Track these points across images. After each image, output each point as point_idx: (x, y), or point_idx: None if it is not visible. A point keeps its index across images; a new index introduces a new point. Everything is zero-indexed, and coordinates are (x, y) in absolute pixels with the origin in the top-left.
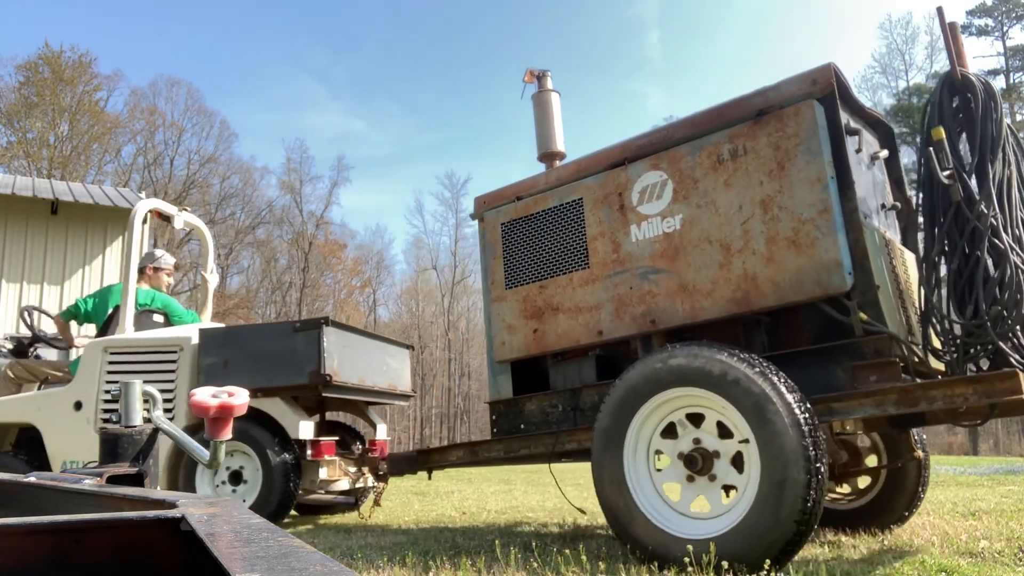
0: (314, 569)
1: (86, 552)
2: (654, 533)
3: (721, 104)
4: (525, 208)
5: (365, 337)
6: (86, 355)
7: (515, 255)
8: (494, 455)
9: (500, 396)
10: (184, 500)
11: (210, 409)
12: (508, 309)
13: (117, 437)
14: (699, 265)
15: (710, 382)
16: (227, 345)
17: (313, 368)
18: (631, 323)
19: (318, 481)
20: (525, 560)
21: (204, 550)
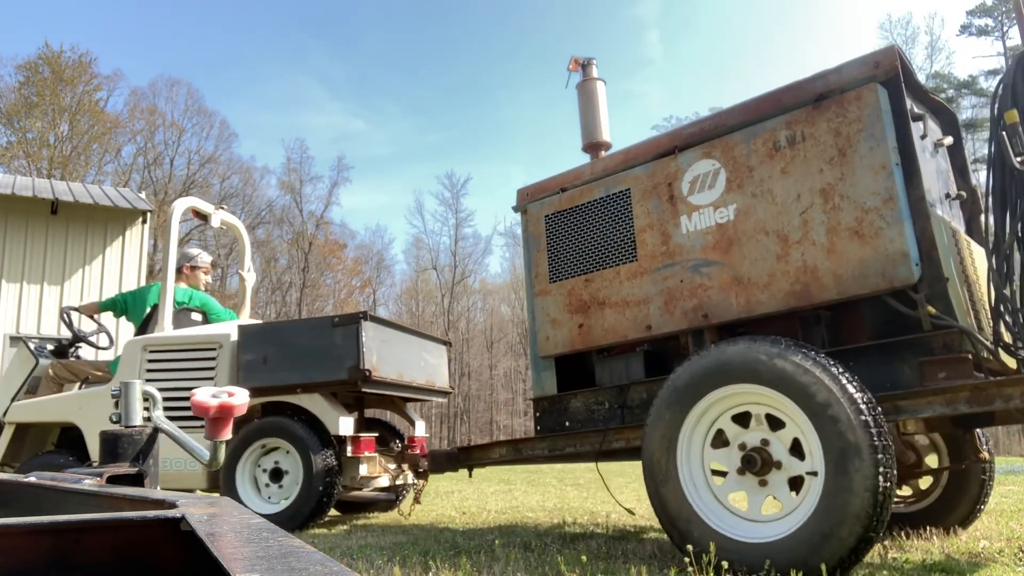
0: (314, 569)
1: (86, 552)
2: (711, 536)
3: (777, 89)
4: (570, 200)
5: (403, 332)
6: (125, 353)
7: (559, 248)
8: (538, 453)
9: (544, 392)
10: (184, 500)
11: (210, 409)
12: (552, 303)
13: (117, 437)
14: (755, 257)
15: (772, 379)
16: (266, 341)
17: (352, 363)
18: (681, 317)
19: (358, 478)
20: (525, 560)
21: (204, 550)
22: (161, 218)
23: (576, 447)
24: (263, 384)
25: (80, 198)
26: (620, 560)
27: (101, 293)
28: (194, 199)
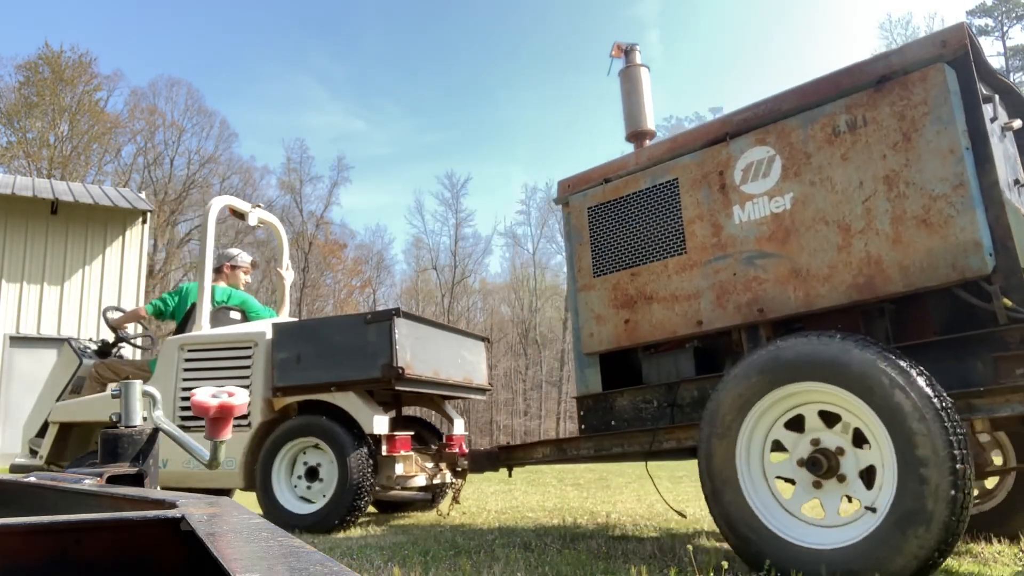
0: (314, 569)
1: (86, 552)
2: (770, 541)
3: (835, 72)
4: (614, 191)
5: (438, 329)
6: (163, 353)
7: (603, 241)
8: (583, 453)
9: (588, 391)
10: (184, 500)
11: (210, 409)
12: (597, 298)
13: (117, 437)
14: (814, 248)
15: (839, 376)
16: (300, 339)
17: (385, 361)
18: (735, 312)
19: (394, 477)
20: (525, 560)
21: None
22: (161, 218)
23: (624, 447)
24: (297, 383)
25: (80, 198)
26: (620, 560)
27: (101, 293)
28: (231, 198)
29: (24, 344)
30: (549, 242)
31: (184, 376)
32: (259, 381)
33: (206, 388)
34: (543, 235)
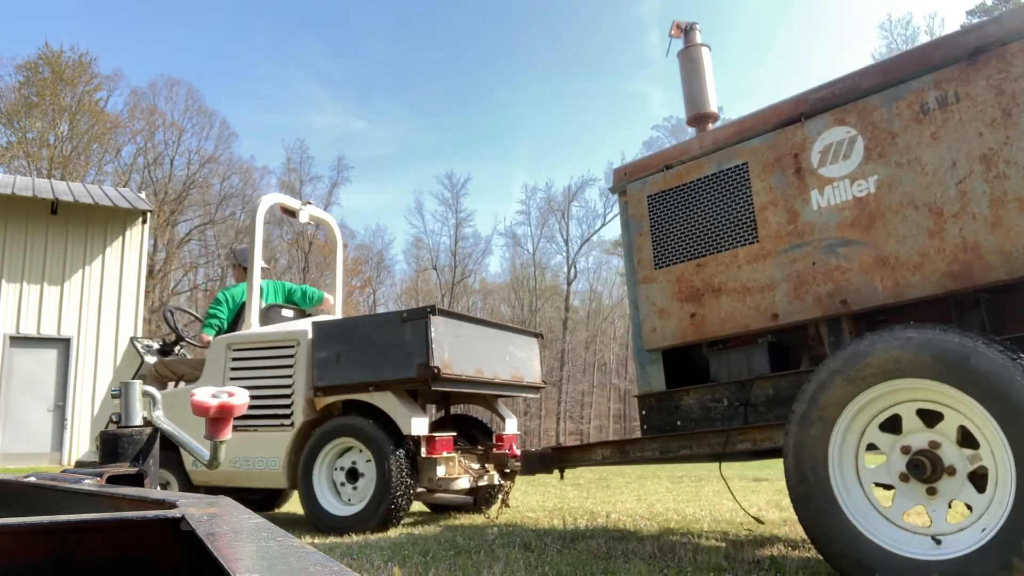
0: (314, 569)
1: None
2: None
3: (921, 45)
4: (676, 177)
5: (483, 326)
6: (212, 352)
7: (665, 230)
8: (647, 455)
9: (651, 389)
10: (184, 500)
11: (210, 409)
12: (659, 291)
13: (117, 437)
14: (902, 234)
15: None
16: (339, 338)
17: (421, 360)
18: (814, 304)
19: (436, 479)
20: (525, 560)
21: (204, 550)
22: (161, 218)
23: (693, 449)
24: (337, 382)
25: (80, 198)
26: (620, 560)
27: (101, 293)
28: (280, 195)
29: (24, 344)
30: (549, 242)
31: (231, 375)
32: (301, 380)
33: (206, 388)
34: (543, 235)
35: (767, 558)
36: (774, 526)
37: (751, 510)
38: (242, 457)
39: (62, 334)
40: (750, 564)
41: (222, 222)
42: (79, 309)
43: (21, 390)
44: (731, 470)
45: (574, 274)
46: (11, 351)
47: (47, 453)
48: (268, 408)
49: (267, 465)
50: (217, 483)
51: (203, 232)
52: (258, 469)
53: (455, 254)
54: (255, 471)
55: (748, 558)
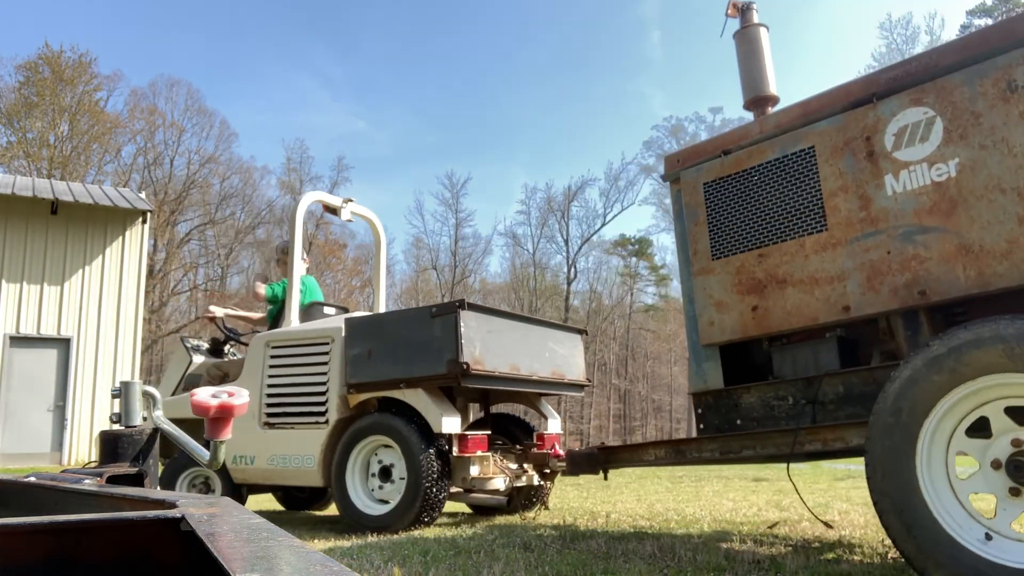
0: (314, 569)
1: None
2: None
3: (1007, 20)
4: (735, 163)
5: (518, 321)
6: (251, 350)
7: (723, 219)
8: (706, 455)
9: (707, 386)
10: (184, 500)
11: (210, 409)
12: (717, 283)
13: (117, 437)
14: (987, 220)
15: None
16: (370, 334)
17: (451, 356)
18: (890, 296)
19: (470, 479)
20: (525, 560)
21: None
22: (161, 218)
23: (757, 449)
24: (368, 379)
25: (80, 198)
26: (620, 560)
27: (101, 293)
28: (322, 193)
29: (24, 344)
30: (549, 242)
31: (269, 373)
32: (336, 377)
33: (206, 388)
34: (543, 235)
35: (767, 558)
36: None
37: (751, 510)
38: (279, 455)
39: (62, 334)
40: (750, 564)
41: (222, 222)
42: (79, 309)
43: (21, 390)
44: (732, 470)
45: (574, 274)
46: (11, 351)
47: (47, 453)
48: (304, 406)
49: (303, 463)
50: (257, 481)
51: (203, 232)
52: (294, 467)
53: (455, 254)
54: (291, 469)
55: (748, 558)
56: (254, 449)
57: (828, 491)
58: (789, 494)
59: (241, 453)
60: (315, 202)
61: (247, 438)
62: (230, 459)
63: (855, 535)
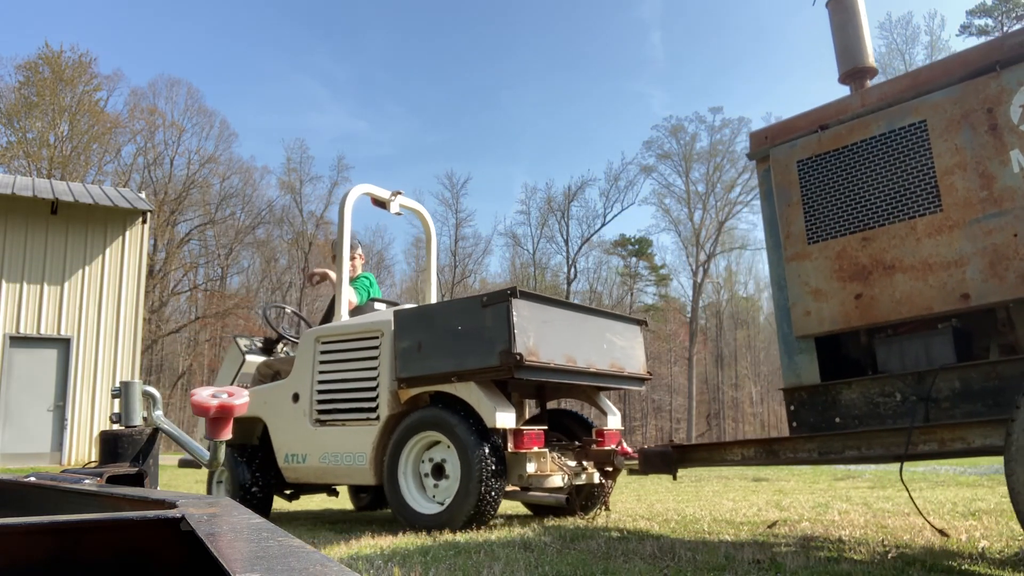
0: (314, 569)
1: (86, 552)
2: None
3: None
4: (834, 139)
5: (574, 311)
6: (301, 346)
7: (821, 199)
8: (803, 455)
9: (801, 381)
10: (184, 500)
11: (210, 409)
12: (814, 269)
13: (117, 437)
14: None
15: None
16: (419, 327)
17: (503, 347)
18: (1017, 283)
19: (527, 476)
20: (525, 560)
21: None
22: (161, 218)
23: (862, 450)
24: (418, 373)
25: (80, 198)
26: (620, 560)
27: (101, 293)
28: (370, 186)
29: (24, 344)
30: (549, 242)
31: (320, 368)
32: (386, 372)
33: (206, 388)
34: (543, 235)
35: (767, 558)
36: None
37: (751, 510)
38: (330, 452)
39: (62, 334)
40: (750, 564)
41: (222, 222)
42: (79, 309)
43: (21, 390)
44: (730, 470)
45: (574, 274)
46: (11, 351)
47: (47, 453)
48: (354, 402)
49: (354, 461)
50: (309, 480)
51: (203, 232)
52: (345, 465)
53: (455, 254)
54: (342, 467)
55: (748, 558)
56: (306, 447)
57: (828, 491)
58: (789, 494)
59: (293, 451)
60: (363, 194)
61: (299, 436)
62: (282, 458)
63: (855, 535)
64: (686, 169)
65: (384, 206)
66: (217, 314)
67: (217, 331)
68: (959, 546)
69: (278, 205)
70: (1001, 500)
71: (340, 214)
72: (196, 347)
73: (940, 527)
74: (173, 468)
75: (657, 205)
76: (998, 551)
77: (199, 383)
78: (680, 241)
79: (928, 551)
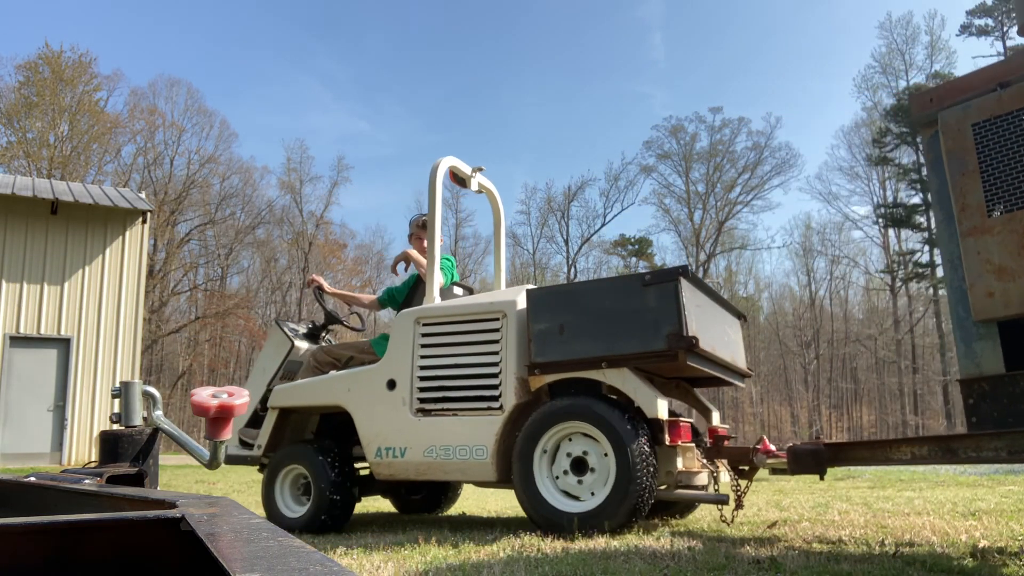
0: (314, 569)
1: (86, 552)
2: None
3: None
4: (1018, 97)
5: (712, 298)
6: (396, 328)
7: (1004, 166)
8: (987, 454)
9: (982, 371)
10: (184, 500)
11: (210, 409)
12: (997, 245)
13: (117, 437)
14: None
15: None
16: (561, 307)
17: (672, 330)
18: None
19: (676, 473)
20: (525, 560)
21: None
22: (161, 218)
23: None
24: (560, 358)
25: (80, 198)
26: (620, 560)
27: (101, 293)
28: (455, 159)
29: (24, 344)
30: (549, 242)
31: (422, 353)
32: (510, 357)
33: (206, 388)
34: (543, 235)
35: (767, 558)
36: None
37: (751, 510)
38: (439, 446)
39: (62, 334)
40: (750, 564)
41: (222, 222)
42: (79, 309)
43: (21, 390)
44: None
45: (574, 274)
46: (11, 351)
47: (47, 453)
48: (469, 389)
49: (471, 455)
50: (408, 476)
51: (203, 232)
52: (460, 459)
53: (455, 254)
54: (455, 462)
55: (748, 558)
56: (405, 440)
57: (828, 491)
58: (789, 494)
59: (387, 445)
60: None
61: (395, 427)
62: (372, 452)
63: (855, 535)
64: (686, 169)
65: (464, 183)
66: (217, 314)
67: (217, 331)
68: (959, 546)
69: (278, 205)
70: (1001, 500)
71: (430, 188)
72: (196, 347)
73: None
74: (173, 468)
75: (657, 205)
76: (997, 550)
77: (199, 383)
78: (680, 241)
79: (928, 551)
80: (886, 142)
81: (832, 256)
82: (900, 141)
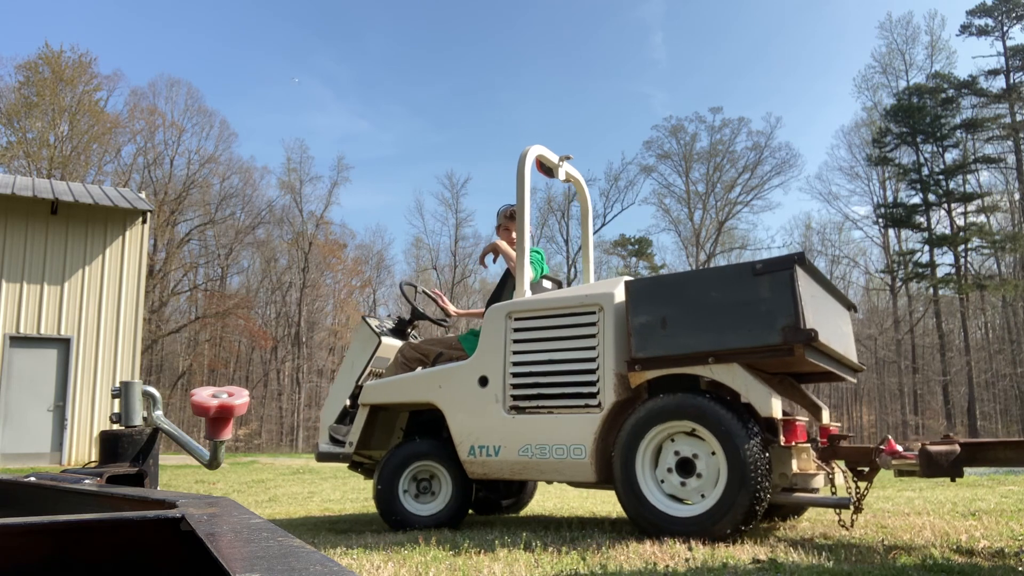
0: (314, 569)
1: (86, 552)
2: None
3: None
4: None
5: (824, 288)
6: (487, 323)
7: None
8: None
9: None
10: (184, 500)
11: (210, 409)
12: None
13: (117, 437)
14: None
15: None
16: (664, 299)
17: (788, 323)
18: None
19: (791, 475)
20: (525, 560)
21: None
22: (161, 218)
23: None
24: (663, 352)
25: (80, 198)
26: (621, 560)
27: (101, 293)
28: (542, 148)
29: (24, 344)
30: (549, 242)
31: (514, 348)
32: (608, 352)
33: (206, 388)
34: (543, 235)
35: (767, 558)
36: (771, 526)
37: None
38: (535, 444)
39: (62, 334)
40: (750, 564)
41: (222, 222)
42: (79, 309)
43: (21, 390)
44: None
45: (574, 274)
46: (11, 351)
47: (47, 453)
48: (566, 386)
49: (569, 454)
50: (503, 475)
51: (203, 232)
52: (556, 459)
53: (455, 254)
54: (552, 461)
55: (748, 558)
56: (499, 438)
57: None
58: None
59: (482, 443)
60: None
61: (489, 424)
62: (465, 451)
63: (855, 535)
64: (686, 169)
65: (551, 172)
66: (217, 314)
67: (217, 331)
68: (959, 546)
69: (278, 205)
70: (1001, 500)
71: (519, 177)
72: (196, 347)
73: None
74: (173, 468)
75: (657, 205)
76: (997, 550)
77: (199, 383)
78: (680, 241)
79: (928, 551)
80: (886, 142)
81: (832, 256)
82: (900, 141)
